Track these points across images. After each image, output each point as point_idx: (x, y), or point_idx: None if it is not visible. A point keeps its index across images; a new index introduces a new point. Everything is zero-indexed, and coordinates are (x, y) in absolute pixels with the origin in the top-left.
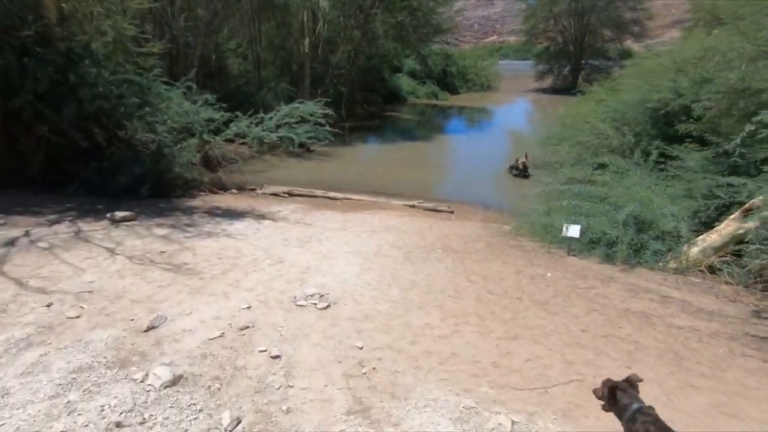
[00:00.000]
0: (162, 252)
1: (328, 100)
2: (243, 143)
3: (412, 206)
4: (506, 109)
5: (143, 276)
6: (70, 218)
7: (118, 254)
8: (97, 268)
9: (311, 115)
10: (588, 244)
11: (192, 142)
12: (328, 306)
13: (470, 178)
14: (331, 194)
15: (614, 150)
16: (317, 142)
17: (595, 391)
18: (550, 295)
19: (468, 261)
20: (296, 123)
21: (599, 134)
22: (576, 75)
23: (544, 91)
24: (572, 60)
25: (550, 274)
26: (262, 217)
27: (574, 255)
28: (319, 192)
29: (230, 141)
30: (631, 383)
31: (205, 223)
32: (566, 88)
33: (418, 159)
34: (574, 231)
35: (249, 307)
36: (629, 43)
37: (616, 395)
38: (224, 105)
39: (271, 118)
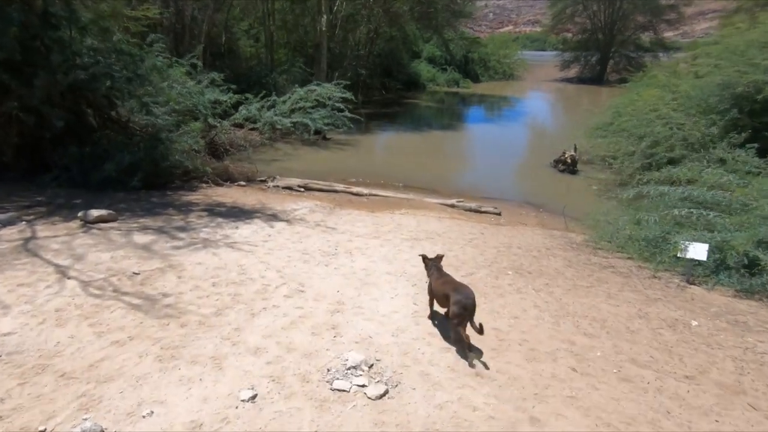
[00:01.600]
0: (135, 273)
1: (348, 82)
2: (253, 129)
3: (452, 206)
4: (533, 98)
5: (94, 321)
6: (29, 218)
7: (70, 277)
8: (29, 304)
9: (329, 99)
10: (716, 269)
11: (195, 126)
12: (385, 393)
13: (508, 173)
14: (355, 189)
15: (692, 144)
16: (334, 129)
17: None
18: (731, 368)
19: (558, 292)
20: (312, 108)
21: (672, 125)
22: (605, 65)
23: (569, 80)
24: (601, 48)
25: (695, 323)
26: (274, 217)
27: (695, 284)
28: (339, 186)
29: (239, 126)
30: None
31: (202, 226)
32: (593, 78)
33: (444, 150)
34: (698, 252)
35: (254, 397)
36: (663, 32)
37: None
38: (233, 86)
39: (284, 102)
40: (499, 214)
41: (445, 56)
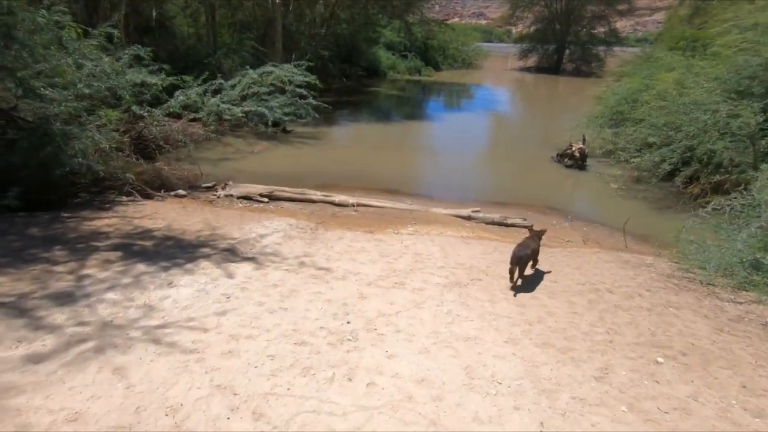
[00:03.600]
0: None
1: (310, 63)
2: (194, 120)
3: (468, 218)
4: (499, 86)
5: None
6: None
7: None
8: None
9: (289, 83)
10: None
11: (109, 116)
12: None
13: (507, 170)
14: (336, 198)
15: (734, 134)
16: (296, 120)
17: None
18: None
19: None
20: (268, 94)
21: (718, 112)
22: (561, 55)
23: (528, 70)
24: (557, 38)
25: None
26: (232, 254)
27: None
28: (315, 194)
29: (176, 116)
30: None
31: (107, 287)
32: (550, 68)
33: (427, 143)
34: None
35: None
36: (616, 23)
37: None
38: (165, 67)
39: (233, 86)
40: (530, 227)
41: (404, 42)
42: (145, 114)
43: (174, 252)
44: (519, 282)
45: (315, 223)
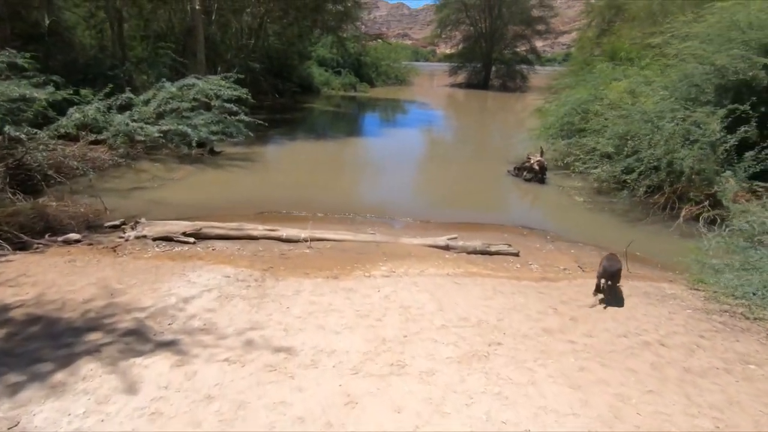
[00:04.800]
0: None
1: (241, 76)
2: (97, 142)
3: (445, 248)
4: (435, 102)
5: None
6: None
7: None
8: None
9: (216, 97)
10: None
11: None
12: None
13: (466, 188)
14: (284, 232)
15: (696, 142)
16: (226, 139)
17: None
18: None
19: None
20: (191, 110)
21: (681, 120)
22: (488, 71)
23: (458, 86)
24: (483, 56)
25: None
26: (135, 340)
27: None
28: (256, 228)
29: (71, 139)
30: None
31: None
32: (479, 84)
33: (374, 162)
34: None
35: None
36: (536, 42)
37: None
38: (55, 78)
39: (146, 102)
40: (517, 254)
41: (337, 58)
42: (23, 136)
43: (38, 348)
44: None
45: (260, 271)
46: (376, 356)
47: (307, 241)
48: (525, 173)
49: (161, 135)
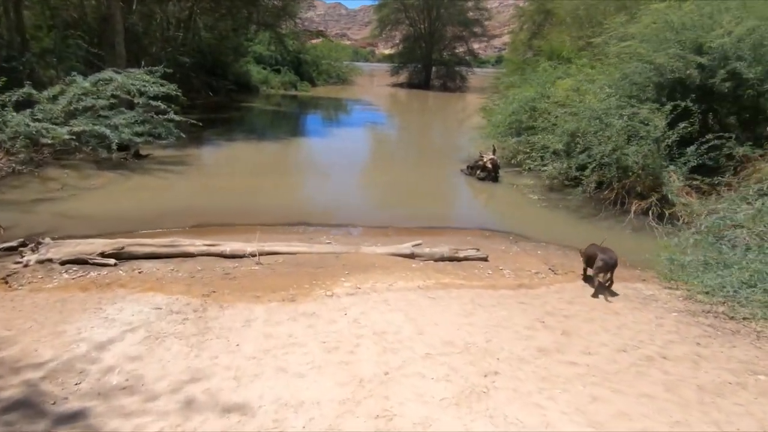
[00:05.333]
0: None
1: (169, 70)
2: None
3: (411, 255)
4: (379, 100)
5: None
6: None
7: None
8: None
9: (140, 94)
10: None
11: None
12: None
13: (420, 188)
14: (228, 247)
15: (643, 137)
16: (154, 141)
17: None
18: None
19: None
20: (110, 108)
21: (630, 116)
22: (429, 72)
23: (400, 86)
24: (423, 56)
25: None
26: (24, 418)
27: None
28: (194, 244)
29: None
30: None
31: None
32: (420, 84)
33: (317, 161)
34: None
35: None
36: (473, 44)
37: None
38: None
39: (53, 98)
40: (485, 258)
41: (276, 56)
42: None
43: None
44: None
45: (201, 298)
46: (356, 406)
47: (255, 255)
48: (478, 172)
49: (73, 137)
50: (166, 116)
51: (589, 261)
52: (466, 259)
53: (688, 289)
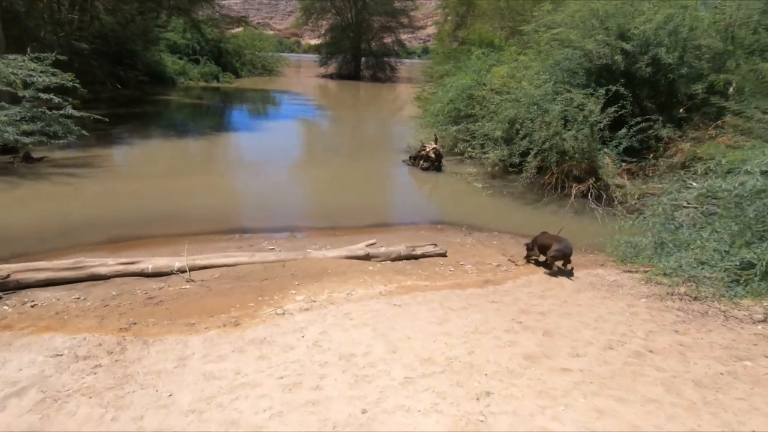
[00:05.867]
0: None
1: (62, 57)
2: None
3: (366, 257)
4: (309, 92)
5: None
6: None
7: None
8: None
9: (27, 85)
10: None
11: None
12: None
13: (362, 182)
14: (150, 264)
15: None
16: (50, 142)
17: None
18: None
19: None
20: None
21: (562, 101)
22: (358, 62)
23: (330, 77)
24: (352, 47)
25: None
26: None
27: None
28: (106, 263)
29: None
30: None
31: None
32: (350, 75)
33: (246, 158)
34: None
35: None
36: (401, 35)
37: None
38: None
39: None
40: (444, 254)
41: (192, 45)
42: None
43: None
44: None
45: (116, 334)
46: None
47: (184, 272)
48: (421, 162)
49: None
50: (62, 112)
51: (542, 249)
52: (424, 256)
53: (646, 271)
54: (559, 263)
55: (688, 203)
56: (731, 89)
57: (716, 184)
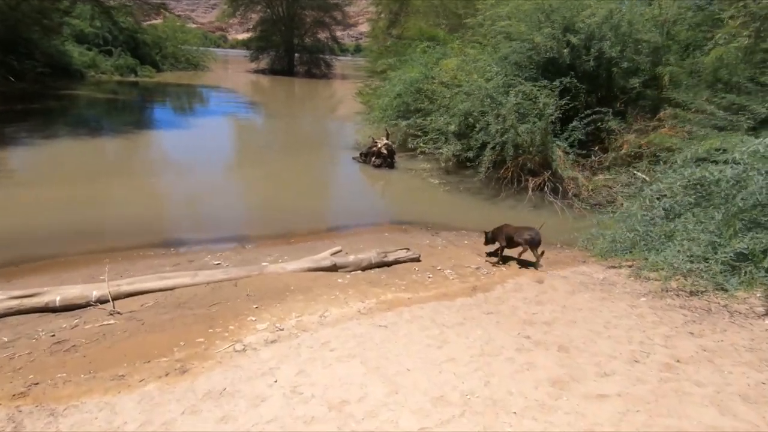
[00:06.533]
0: None
1: None
2: None
3: (333, 268)
4: (240, 88)
5: None
6: None
7: None
8: None
9: None
10: None
11: None
12: None
13: (312, 182)
14: (57, 295)
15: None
16: None
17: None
18: None
19: None
20: None
21: (518, 94)
22: (291, 57)
23: (262, 72)
24: (284, 41)
25: None
26: None
27: None
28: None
29: None
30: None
31: None
32: (283, 70)
33: (181, 159)
34: None
35: None
36: (335, 31)
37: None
38: None
39: None
40: (418, 258)
41: (103, 34)
42: None
43: None
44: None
45: (9, 403)
46: None
47: (106, 302)
48: (373, 159)
49: None
50: None
51: (510, 239)
52: (396, 262)
53: (630, 266)
54: (529, 251)
55: (668, 195)
56: (664, 83)
57: (698, 173)
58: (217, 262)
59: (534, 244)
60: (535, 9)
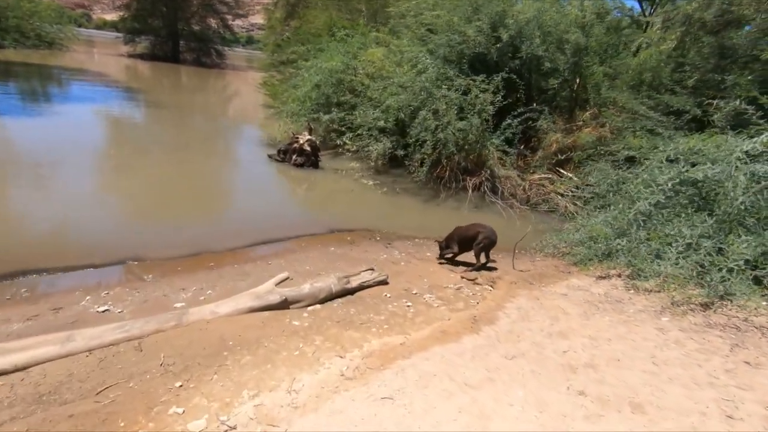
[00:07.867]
0: None
1: None
2: None
3: (284, 304)
4: (114, 74)
5: None
6: None
7: None
8: None
9: None
10: None
11: None
12: None
13: (225, 187)
14: None
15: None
16: None
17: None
18: None
19: None
20: None
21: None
22: (176, 43)
23: (140, 57)
24: (166, 24)
25: None
26: None
27: None
28: None
29: None
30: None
31: None
32: (167, 56)
33: (30, 157)
34: None
35: None
36: (229, 20)
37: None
38: None
39: None
40: (386, 281)
41: None
42: None
43: None
44: None
45: None
46: None
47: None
48: (294, 157)
49: None
50: None
51: (464, 242)
52: (362, 288)
53: (619, 275)
54: (483, 255)
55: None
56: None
57: (692, 173)
58: (103, 308)
59: (489, 245)
60: (465, 2)
